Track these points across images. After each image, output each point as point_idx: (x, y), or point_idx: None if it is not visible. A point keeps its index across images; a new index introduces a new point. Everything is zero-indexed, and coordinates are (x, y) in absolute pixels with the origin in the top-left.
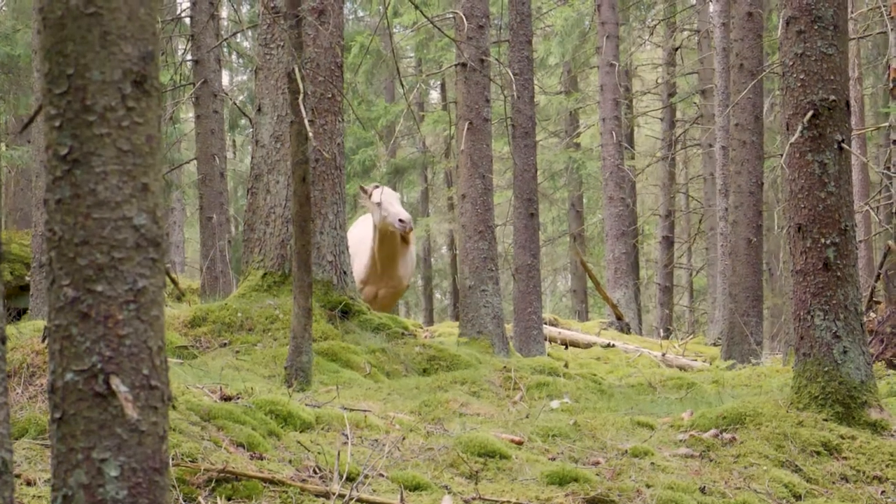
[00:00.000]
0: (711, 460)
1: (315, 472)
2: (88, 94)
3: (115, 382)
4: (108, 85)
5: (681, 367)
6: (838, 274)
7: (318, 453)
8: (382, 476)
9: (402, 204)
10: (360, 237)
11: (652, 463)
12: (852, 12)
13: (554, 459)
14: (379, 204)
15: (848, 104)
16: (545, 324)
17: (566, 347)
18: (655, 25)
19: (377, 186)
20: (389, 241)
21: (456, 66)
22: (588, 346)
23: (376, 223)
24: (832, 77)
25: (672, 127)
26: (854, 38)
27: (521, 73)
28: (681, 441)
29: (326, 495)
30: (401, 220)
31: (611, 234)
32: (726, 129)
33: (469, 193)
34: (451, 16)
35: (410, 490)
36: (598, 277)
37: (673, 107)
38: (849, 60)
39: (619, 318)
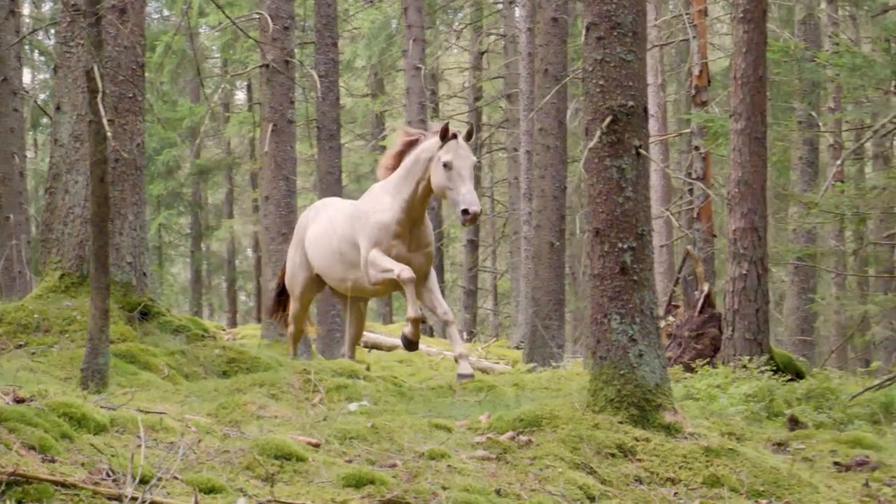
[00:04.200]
0: (508, 462)
1: (108, 475)
2: None
3: None
4: None
5: (483, 370)
6: (635, 278)
7: (112, 456)
8: (177, 479)
9: (447, 170)
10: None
11: (449, 465)
12: (656, 19)
13: (351, 462)
14: (447, 166)
15: (646, 110)
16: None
17: (370, 350)
18: (462, 29)
19: (450, 132)
20: (426, 198)
21: (260, 67)
22: (392, 348)
23: (434, 185)
24: (631, 83)
25: (478, 130)
26: (657, 45)
27: (326, 76)
28: (478, 443)
29: (119, 499)
30: (465, 212)
31: None
32: (531, 134)
33: (273, 195)
34: (256, 16)
35: (205, 493)
36: None
37: (479, 111)
38: (649, 67)
39: (423, 321)
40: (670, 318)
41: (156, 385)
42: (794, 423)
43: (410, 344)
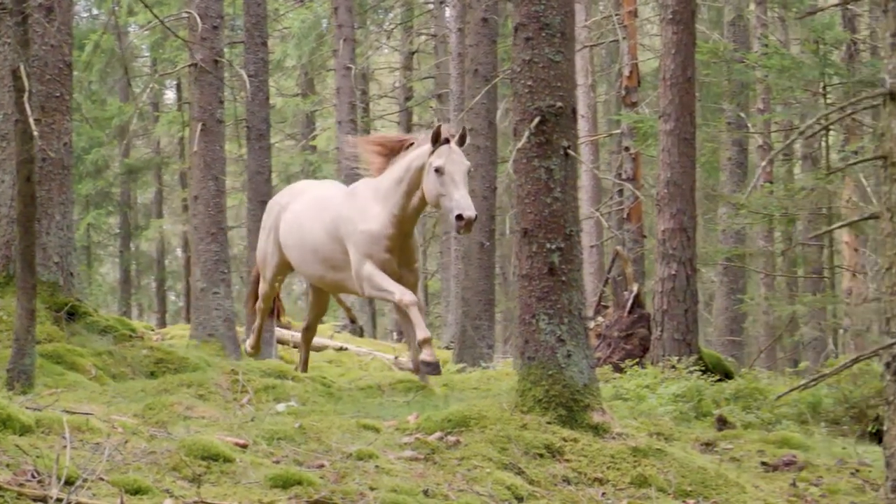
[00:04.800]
0: (436, 463)
1: (33, 477)
2: None
3: None
4: None
5: (412, 370)
6: (563, 279)
7: (38, 457)
8: (103, 480)
9: (439, 176)
10: (368, 191)
11: (376, 466)
12: (586, 20)
13: (278, 462)
14: (440, 171)
15: (574, 111)
16: (279, 327)
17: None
18: (392, 29)
19: (442, 136)
20: (421, 207)
21: (189, 66)
22: (322, 349)
23: (427, 192)
24: (559, 84)
25: (408, 131)
26: (588, 46)
27: (256, 75)
28: (406, 444)
29: (44, 500)
30: (459, 218)
31: None
32: None
33: (202, 195)
34: (185, 16)
35: (131, 494)
36: None
37: (409, 111)
38: (579, 68)
39: (353, 321)
40: (599, 319)
41: (83, 386)
42: (723, 423)
43: (432, 367)
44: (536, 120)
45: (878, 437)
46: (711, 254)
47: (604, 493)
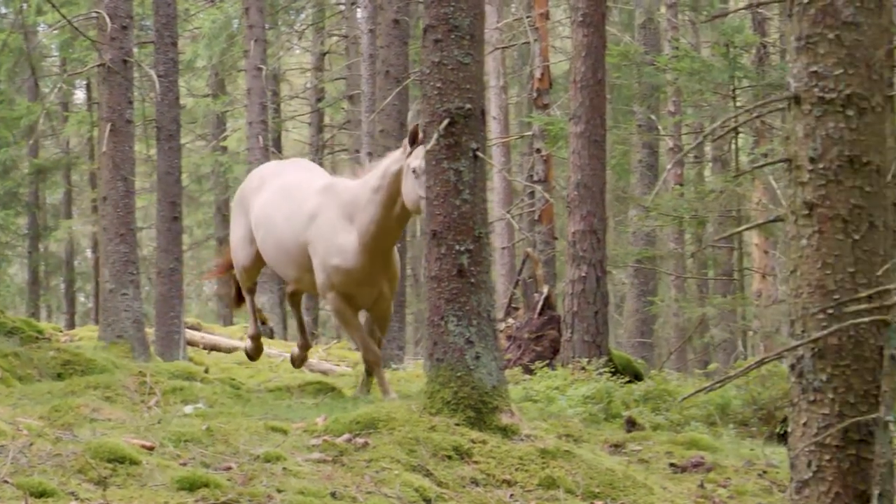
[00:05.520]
0: (344, 465)
1: None
2: None
3: None
4: None
5: (323, 372)
6: (472, 280)
7: None
8: (7, 483)
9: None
10: (338, 201)
11: (284, 468)
12: (498, 22)
13: (185, 465)
14: (418, 172)
15: (483, 113)
16: (188, 328)
17: (209, 352)
18: (304, 30)
19: (419, 136)
20: (404, 217)
21: (98, 66)
22: (232, 350)
23: (406, 197)
24: (468, 86)
25: (320, 132)
26: (500, 48)
27: (166, 76)
28: (314, 446)
29: None
30: None
31: None
32: (372, 135)
33: (111, 196)
34: (95, 15)
35: (36, 497)
36: None
37: (321, 112)
38: (492, 70)
39: (264, 322)
40: (510, 321)
41: None
42: (632, 424)
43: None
44: (445, 122)
45: (785, 438)
46: (622, 256)
47: (512, 495)
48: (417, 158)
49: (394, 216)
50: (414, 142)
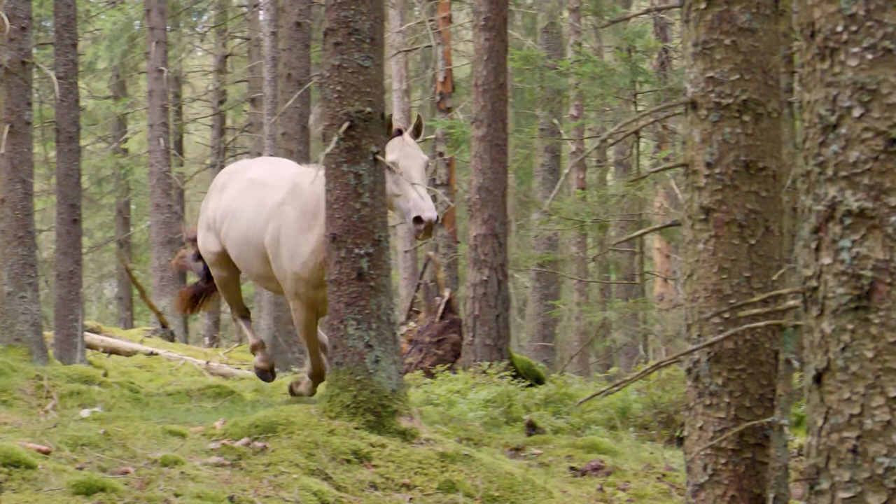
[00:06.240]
0: (242, 469)
1: None
2: None
3: None
4: None
5: (224, 376)
6: (372, 284)
7: None
8: None
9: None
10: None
11: (182, 472)
12: (401, 25)
13: (82, 469)
14: (393, 168)
15: (383, 116)
16: (88, 331)
17: (109, 355)
18: (206, 32)
19: (393, 128)
20: None
21: None
22: (132, 353)
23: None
24: (368, 89)
25: (222, 134)
26: (402, 51)
27: (65, 77)
28: (212, 450)
29: None
30: (418, 220)
31: (157, 242)
32: (274, 138)
33: (9, 198)
34: None
35: None
36: (144, 285)
37: (223, 114)
38: (394, 73)
39: (165, 325)
40: (411, 324)
41: None
42: (532, 428)
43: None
44: (345, 125)
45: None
46: (524, 259)
47: (411, 499)
48: (393, 152)
49: None
50: (388, 134)
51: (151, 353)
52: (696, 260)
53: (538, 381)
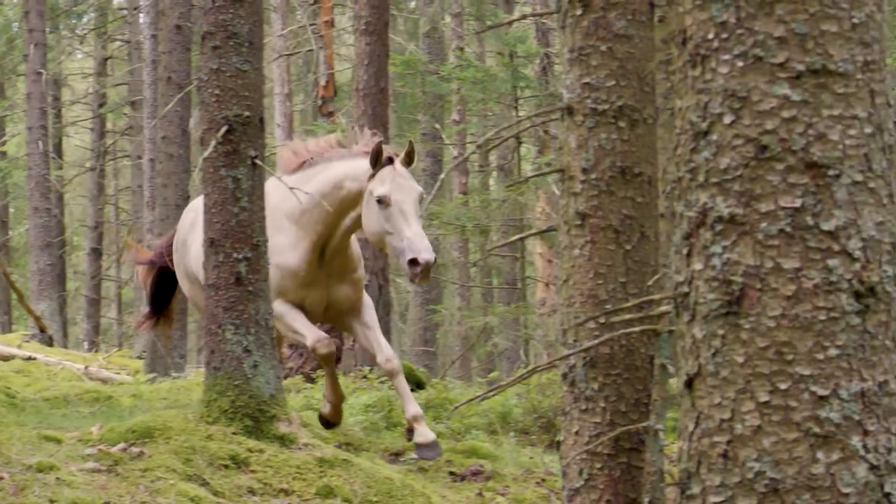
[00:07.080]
0: (119, 475)
1: None
2: None
3: None
4: None
5: (103, 381)
6: (250, 289)
7: None
8: None
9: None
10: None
11: (58, 478)
12: (283, 29)
13: None
14: (383, 202)
15: (262, 120)
16: None
17: None
18: (86, 34)
19: (383, 156)
20: (354, 228)
21: None
22: (9, 358)
23: (368, 229)
24: (247, 93)
25: (102, 137)
26: (284, 55)
27: None
28: (88, 455)
29: None
30: (414, 263)
31: (35, 246)
32: (154, 142)
33: None
34: None
35: None
36: (22, 289)
37: (103, 117)
38: (276, 77)
39: (43, 330)
40: None
41: None
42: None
43: (429, 449)
44: (223, 129)
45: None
46: None
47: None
48: (384, 185)
49: (342, 228)
50: (377, 162)
51: (29, 358)
52: (571, 265)
53: (419, 385)
